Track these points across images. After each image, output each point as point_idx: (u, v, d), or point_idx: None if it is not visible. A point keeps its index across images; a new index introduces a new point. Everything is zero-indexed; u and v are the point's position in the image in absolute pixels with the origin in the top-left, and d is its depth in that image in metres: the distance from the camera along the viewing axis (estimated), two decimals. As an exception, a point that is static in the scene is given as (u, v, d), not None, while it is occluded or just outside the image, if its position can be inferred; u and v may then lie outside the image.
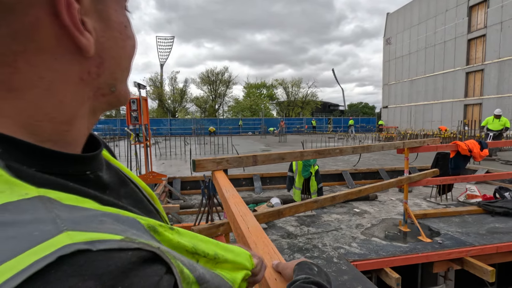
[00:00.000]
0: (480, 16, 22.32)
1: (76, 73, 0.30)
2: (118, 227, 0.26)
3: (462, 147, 4.10)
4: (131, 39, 0.35)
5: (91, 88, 0.32)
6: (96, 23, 0.30)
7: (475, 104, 22.73)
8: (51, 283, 0.19)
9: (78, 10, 0.28)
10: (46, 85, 0.28)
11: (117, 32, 0.33)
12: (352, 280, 2.51)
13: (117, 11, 0.33)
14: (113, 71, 0.33)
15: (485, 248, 3.20)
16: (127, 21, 0.34)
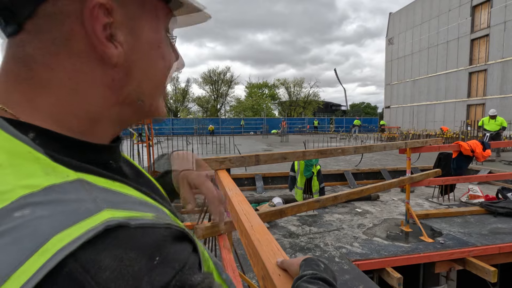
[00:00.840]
0: (484, 16, 22.20)
1: (100, 78, 0.33)
2: (147, 208, 0.29)
3: (464, 147, 4.09)
4: (164, 59, 0.37)
5: (117, 95, 0.34)
6: (127, 37, 0.33)
7: (478, 104, 22.62)
8: (100, 251, 0.22)
9: (107, 23, 0.31)
10: (74, 85, 0.31)
11: (148, 48, 0.35)
12: (354, 280, 2.52)
13: (151, 30, 0.35)
14: (140, 84, 0.36)
15: (487, 248, 3.20)
16: (162, 42, 0.37)
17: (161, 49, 0.37)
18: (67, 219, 0.23)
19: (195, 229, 1.76)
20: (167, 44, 0.38)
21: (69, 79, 0.31)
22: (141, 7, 0.34)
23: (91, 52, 0.31)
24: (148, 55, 0.35)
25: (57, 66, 0.31)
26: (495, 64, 21.15)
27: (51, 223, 0.23)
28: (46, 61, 0.30)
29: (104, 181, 0.30)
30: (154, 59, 0.36)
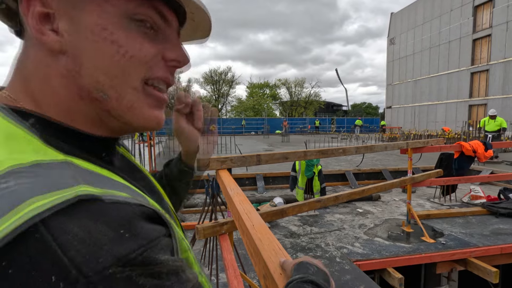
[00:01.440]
0: (486, 16, 22.13)
1: (56, 68, 0.34)
2: (126, 190, 0.30)
3: (466, 147, 4.08)
4: (117, 45, 0.34)
5: (76, 86, 0.35)
6: (68, 24, 0.34)
7: (480, 105, 22.55)
8: (70, 220, 0.24)
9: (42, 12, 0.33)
10: (41, 75, 0.34)
11: (90, 34, 0.34)
12: (355, 280, 2.52)
13: (93, 14, 0.34)
14: (93, 73, 0.35)
15: (489, 249, 3.19)
16: (110, 26, 0.34)
17: (109, 34, 0.34)
18: (45, 188, 0.25)
19: (196, 229, 1.76)
20: (124, 30, 0.35)
21: (35, 69, 0.34)
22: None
23: (37, 42, 0.34)
24: (92, 41, 0.34)
25: (26, 58, 0.35)
26: (497, 64, 21.08)
27: (29, 190, 0.24)
28: (23, 53, 0.35)
29: (90, 166, 0.32)
30: (100, 45, 0.34)
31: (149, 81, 0.38)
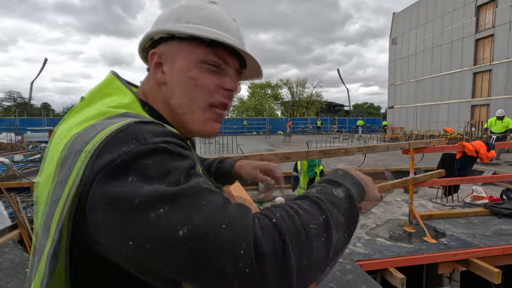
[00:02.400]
0: (488, 15, 22.03)
1: (160, 93, 0.58)
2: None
3: (468, 148, 4.07)
4: (195, 81, 0.56)
5: (168, 103, 0.57)
6: (168, 67, 0.57)
7: (483, 105, 22.45)
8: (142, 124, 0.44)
9: (157, 61, 0.58)
10: (154, 95, 0.59)
11: (180, 74, 0.56)
12: (357, 280, 2.52)
13: (183, 62, 0.56)
14: (179, 98, 0.56)
15: (491, 249, 3.18)
16: (194, 69, 0.56)
17: (190, 72, 0.55)
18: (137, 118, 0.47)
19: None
20: (201, 71, 0.56)
21: (151, 90, 0.60)
22: (181, 50, 0.56)
23: (154, 80, 0.59)
24: (180, 77, 0.56)
25: (148, 81, 0.61)
26: (500, 64, 20.98)
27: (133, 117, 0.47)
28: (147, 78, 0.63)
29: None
30: (185, 81, 0.56)
31: (212, 104, 0.58)
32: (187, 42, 0.55)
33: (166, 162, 0.40)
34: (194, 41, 0.55)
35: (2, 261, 2.63)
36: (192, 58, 0.55)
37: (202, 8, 0.58)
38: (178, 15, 0.57)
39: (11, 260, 2.69)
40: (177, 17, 0.57)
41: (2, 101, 42.03)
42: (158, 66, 0.57)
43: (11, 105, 41.31)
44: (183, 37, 0.55)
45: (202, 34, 0.53)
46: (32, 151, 12.40)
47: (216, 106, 0.58)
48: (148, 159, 0.39)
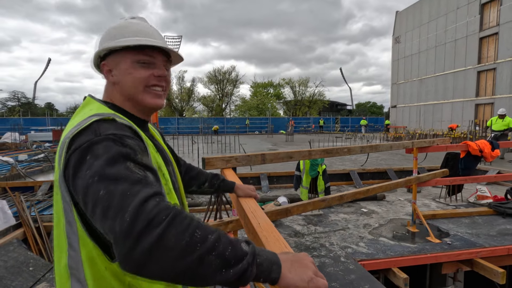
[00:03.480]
0: (493, 13, 21.82)
1: (115, 89, 0.85)
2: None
3: (472, 147, 4.04)
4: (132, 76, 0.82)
5: (123, 95, 0.85)
6: (116, 71, 0.83)
7: (487, 104, 22.26)
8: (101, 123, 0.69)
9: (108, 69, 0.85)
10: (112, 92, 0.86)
11: (123, 73, 0.83)
12: (360, 280, 2.51)
13: (124, 64, 0.82)
14: (127, 89, 0.83)
15: (495, 249, 3.16)
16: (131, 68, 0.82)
17: (129, 71, 0.82)
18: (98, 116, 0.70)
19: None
20: (136, 68, 0.82)
21: (109, 91, 0.86)
22: (121, 58, 0.82)
23: (110, 82, 0.85)
24: (123, 76, 0.83)
25: (106, 88, 0.87)
26: (504, 62, 20.78)
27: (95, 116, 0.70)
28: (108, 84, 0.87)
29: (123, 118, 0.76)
30: (127, 77, 0.82)
31: (148, 86, 0.84)
32: (123, 51, 0.81)
33: (110, 147, 0.61)
34: (127, 50, 0.81)
35: (7, 259, 2.65)
36: (128, 61, 0.81)
37: (126, 25, 0.83)
38: (111, 34, 0.82)
39: (16, 258, 2.71)
40: (111, 36, 0.82)
41: (6, 101, 42.32)
42: (109, 72, 0.84)
43: (15, 105, 41.62)
44: (120, 49, 0.81)
45: (130, 43, 0.80)
46: (36, 151, 12.49)
47: (152, 86, 0.84)
48: (99, 144, 0.62)
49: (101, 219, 0.54)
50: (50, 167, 8.44)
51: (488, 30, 22.03)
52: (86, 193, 0.58)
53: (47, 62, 45.57)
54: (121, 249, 0.50)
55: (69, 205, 0.67)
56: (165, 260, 0.49)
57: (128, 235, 0.50)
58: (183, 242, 0.50)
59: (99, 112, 0.73)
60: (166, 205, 0.54)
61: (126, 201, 0.53)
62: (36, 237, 3.03)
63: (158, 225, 0.50)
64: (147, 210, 0.52)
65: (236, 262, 0.52)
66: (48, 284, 2.56)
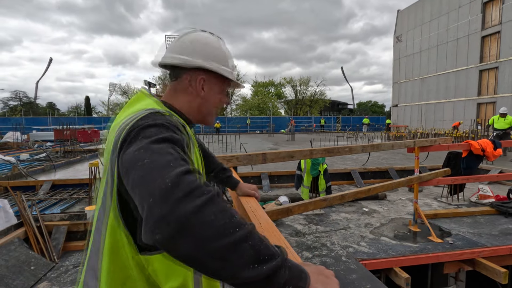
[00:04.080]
0: (495, 12, 21.71)
1: (196, 102, 0.90)
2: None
3: (475, 146, 4.02)
4: (219, 100, 0.94)
5: (197, 107, 0.90)
6: (207, 88, 0.90)
7: (489, 103, 22.17)
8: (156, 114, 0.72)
9: (202, 83, 0.89)
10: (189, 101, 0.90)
11: (213, 95, 0.92)
12: (361, 279, 2.50)
13: (217, 89, 0.92)
14: (207, 108, 0.92)
15: (498, 249, 3.14)
16: (222, 95, 0.95)
17: (220, 97, 0.94)
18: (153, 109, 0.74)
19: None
20: (223, 95, 0.94)
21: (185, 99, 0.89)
22: (217, 81, 0.91)
23: (194, 93, 0.89)
24: (213, 97, 0.91)
25: (182, 95, 0.89)
26: (506, 61, 20.68)
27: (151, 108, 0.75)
28: (181, 92, 0.89)
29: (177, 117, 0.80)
30: (214, 99, 0.92)
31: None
32: (221, 76, 0.90)
33: (162, 131, 0.64)
34: (223, 78, 0.91)
35: (8, 258, 2.65)
36: (221, 87, 0.92)
37: (225, 51, 0.92)
38: (216, 55, 0.89)
39: (17, 258, 2.71)
40: (216, 57, 0.89)
41: (8, 100, 42.46)
42: (200, 86, 0.88)
43: (17, 105, 41.73)
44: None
45: (228, 76, 0.91)
46: (37, 150, 12.52)
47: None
48: (153, 128, 0.64)
49: (139, 185, 0.53)
50: (52, 166, 8.46)
51: (490, 29, 21.93)
52: (129, 163, 0.57)
53: (49, 61, 45.71)
54: (156, 214, 0.47)
55: (110, 187, 0.67)
56: (199, 235, 0.46)
57: (166, 200, 0.47)
58: (221, 222, 0.48)
59: (156, 107, 0.75)
60: (207, 183, 0.54)
61: (168, 169, 0.52)
62: (37, 236, 3.04)
63: (199, 197, 0.49)
64: (189, 180, 0.51)
65: (269, 258, 0.48)
66: (49, 283, 2.56)
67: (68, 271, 2.78)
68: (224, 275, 0.47)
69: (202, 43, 0.88)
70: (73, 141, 13.56)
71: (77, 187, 5.86)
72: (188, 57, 0.86)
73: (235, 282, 0.48)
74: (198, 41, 0.88)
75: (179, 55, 0.86)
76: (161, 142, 0.60)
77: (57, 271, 2.78)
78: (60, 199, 5.11)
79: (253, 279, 0.47)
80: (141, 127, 0.64)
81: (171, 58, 0.87)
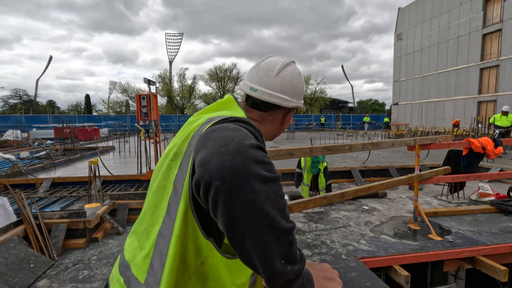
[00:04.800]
0: (496, 10, 21.62)
1: (277, 128, 0.94)
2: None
3: (475, 144, 4.00)
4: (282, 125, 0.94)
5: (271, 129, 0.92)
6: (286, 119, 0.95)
7: (489, 101, 22.13)
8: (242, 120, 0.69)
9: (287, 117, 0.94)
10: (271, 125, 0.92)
11: (286, 124, 0.95)
12: (361, 277, 2.50)
13: (288, 119, 0.94)
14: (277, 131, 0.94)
15: (498, 247, 3.14)
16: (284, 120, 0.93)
17: (281, 122, 0.93)
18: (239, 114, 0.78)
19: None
20: (285, 121, 0.94)
21: (270, 127, 0.91)
22: (291, 113, 0.92)
23: (280, 124, 0.93)
24: (285, 125, 0.95)
25: (270, 124, 0.90)
26: (507, 59, 20.63)
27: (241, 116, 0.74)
28: (268, 121, 0.90)
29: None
30: (285, 126, 0.95)
31: None
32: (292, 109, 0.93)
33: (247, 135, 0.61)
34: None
35: (8, 256, 2.65)
36: (285, 118, 0.93)
37: (303, 86, 0.95)
38: (301, 92, 0.92)
39: (16, 255, 2.71)
40: (300, 94, 0.92)
41: (8, 98, 42.45)
42: (283, 117, 0.91)
43: (17, 103, 41.70)
44: None
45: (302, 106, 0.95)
46: (37, 148, 12.52)
47: None
48: (237, 124, 0.65)
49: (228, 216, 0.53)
50: (52, 164, 8.45)
51: (491, 27, 21.85)
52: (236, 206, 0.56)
53: (49, 59, 45.66)
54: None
55: (183, 175, 0.66)
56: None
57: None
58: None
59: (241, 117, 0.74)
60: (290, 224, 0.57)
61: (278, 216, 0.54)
62: (37, 234, 3.03)
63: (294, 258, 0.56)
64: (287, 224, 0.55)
65: (295, 260, 0.55)
66: (48, 281, 2.56)
67: (68, 268, 2.78)
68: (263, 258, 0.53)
69: (299, 83, 0.90)
70: (73, 139, 13.55)
71: (77, 185, 5.86)
72: (289, 98, 0.87)
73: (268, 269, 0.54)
74: (296, 80, 0.89)
75: (282, 95, 0.86)
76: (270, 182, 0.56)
77: (56, 268, 2.78)
78: (60, 197, 5.11)
79: (282, 274, 0.54)
80: (232, 120, 0.66)
81: (274, 97, 0.85)
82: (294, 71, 0.89)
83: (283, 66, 0.88)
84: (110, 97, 48.92)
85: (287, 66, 0.89)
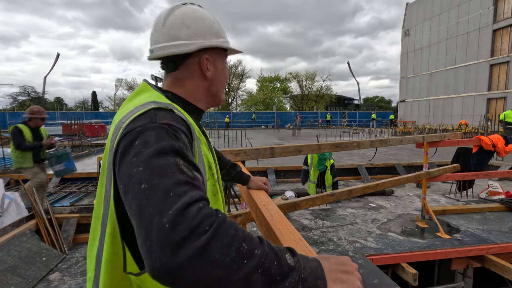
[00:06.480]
0: (507, 5, 21.13)
1: (203, 85, 0.83)
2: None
3: (485, 141, 3.95)
4: (224, 75, 0.88)
5: (208, 91, 0.85)
6: (212, 67, 0.83)
7: (499, 98, 21.72)
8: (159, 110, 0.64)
9: (206, 63, 0.81)
10: (193, 86, 0.82)
11: (219, 71, 0.85)
12: (368, 274, 2.50)
13: (220, 63, 0.85)
14: (216, 86, 0.86)
15: (507, 246, 3.11)
16: (224, 67, 0.87)
17: (225, 71, 0.88)
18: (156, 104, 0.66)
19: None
20: (226, 67, 0.88)
21: (192, 84, 0.82)
22: (217, 56, 0.84)
23: (201, 75, 0.82)
24: (219, 74, 0.85)
25: (189, 81, 0.81)
26: (518, 55, 20.18)
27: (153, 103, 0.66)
28: (186, 78, 0.81)
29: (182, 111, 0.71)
30: (221, 76, 0.86)
31: None
32: (220, 50, 0.85)
33: (162, 137, 0.57)
34: (221, 49, 0.85)
35: (21, 249, 2.71)
36: (223, 60, 0.87)
37: (210, 19, 0.83)
38: (214, 30, 0.82)
39: (29, 248, 2.77)
40: (214, 32, 0.82)
41: (17, 95, 43.11)
42: (205, 66, 0.81)
43: (26, 99, 42.34)
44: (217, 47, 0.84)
45: (229, 46, 0.86)
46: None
47: None
48: (151, 131, 0.58)
49: (137, 216, 0.48)
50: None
51: (502, 22, 21.36)
52: (127, 182, 0.53)
53: (56, 56, 46.09)
54: (155, 258, 0.44)
55: (108, 195, 0.63)
56: (206, 277, 0.43)
57: (164, 246, 0.43)
58: (228, 258, 0.44)
59: (157, 101, 0.68)
60: (210, 211, 0.49)
61: (167, 202, 0.47)
62: (48, 228, 3.09)
63: (201, 235, 0.44)
64: (190, 216, 0.46)
65: (281, 279, 0.46)
66: (60, 274, 2.62)
67: (79, 262, 2.83)
68: None
69: (196, 20, 0.78)
70: (81, 136, 13.72)
71: (86, 180, 5.94)
72: (187, 41, 0.76)
73: None
74: (190, 18, 0.78)
75: (175, 42, 0.76)
76: (162, 155, 0.53)
77: (67, 262, 2.84)
78: (69, 192, 5.19)
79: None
80: (137, 131, 0.57)
81: (168, 48, 0.76)
82: (185, 11, 0.78)
83: (168, 12, 0.78)
84: (117, 94, 49.31)
85: (174, 10, 0.78)
